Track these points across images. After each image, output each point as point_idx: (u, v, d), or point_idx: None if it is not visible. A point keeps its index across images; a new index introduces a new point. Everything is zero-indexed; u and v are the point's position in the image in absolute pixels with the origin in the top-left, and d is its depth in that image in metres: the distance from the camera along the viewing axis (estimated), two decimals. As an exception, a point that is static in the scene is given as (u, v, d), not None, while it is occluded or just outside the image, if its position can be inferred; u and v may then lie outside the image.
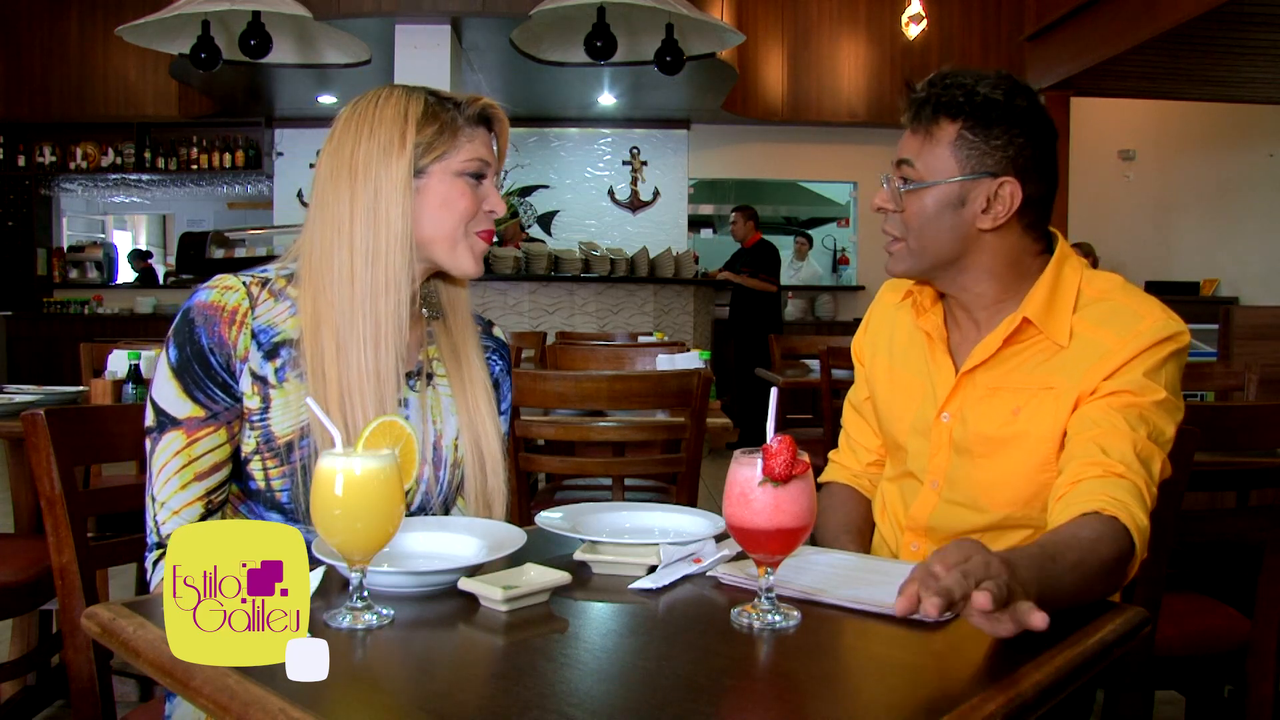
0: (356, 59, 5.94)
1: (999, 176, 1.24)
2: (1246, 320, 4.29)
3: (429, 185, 1.24)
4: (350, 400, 1.20)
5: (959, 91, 1.25)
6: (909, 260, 1.31)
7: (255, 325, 1.21)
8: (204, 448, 1.19)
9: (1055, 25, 6.41)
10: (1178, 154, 8.31)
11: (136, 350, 2.59)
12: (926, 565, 0.85)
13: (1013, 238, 1.28)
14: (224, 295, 1.21)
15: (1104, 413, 1.19)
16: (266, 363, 1.21)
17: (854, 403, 1.54)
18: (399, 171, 1.22)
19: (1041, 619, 0.82)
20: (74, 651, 1.27)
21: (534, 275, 6.39)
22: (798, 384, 4.01)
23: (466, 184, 1.26)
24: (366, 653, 0.88)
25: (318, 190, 1.25)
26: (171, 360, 1.19)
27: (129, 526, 1.37)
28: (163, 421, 1.19)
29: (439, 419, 1.32)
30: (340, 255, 1.22)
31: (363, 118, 1.24)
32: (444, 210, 1.24)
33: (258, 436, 1.21)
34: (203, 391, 1.19)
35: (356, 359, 1.20)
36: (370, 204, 1.21)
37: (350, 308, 1.21)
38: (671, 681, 0.81)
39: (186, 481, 1.19)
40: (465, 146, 1.25)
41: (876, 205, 1.31)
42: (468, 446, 1.32)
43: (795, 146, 8.62)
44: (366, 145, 1.22)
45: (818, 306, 8.76)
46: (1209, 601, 1.90)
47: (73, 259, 9.09)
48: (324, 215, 1.23)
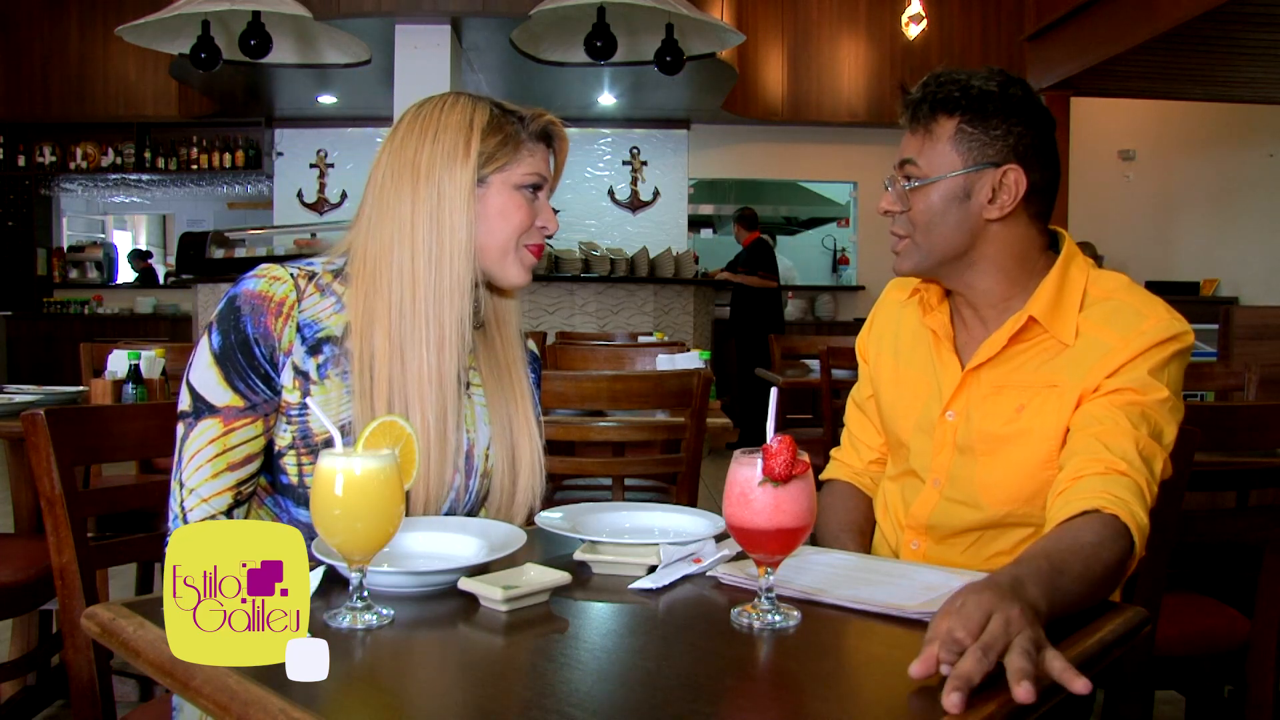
0: (356, 59, 5.95)
1: (1002, 165, 1.25)
2: (1246, 320, 4.29)
3: (488, 195, 1.24)
4: (405, 401, 1.19)
5: (954, 87, 1.26)
6: (916, 257, 1.31)
7: (301, 319, 1.20)
8: (239, 438, 1.18)
9: (1055, 25, 6.40)
10: (1178, 154, 8.30)
11: (136, 350, 2.59)
12: (948, 628, 0.81)
13: (1020, 228, 1.29)
14: (272, 285, 1.20)
15: (1107, 410, 1.19)
16: (309, 358, 1.20)
17: (857, 400, 1.55)
18: (463, 178, 1.22)
19: (1084, 685, 0.79)
20: (74, 651, 1.27)
21: (534, 275, 6.38)
22: (798, 384, 4.01)
23: (524, 197, 1.26)
24: (366, 653, 0.88)
25: (376, 189, 1.25)
26: (215, 347, 1.18)
27: (129, 526, 1.37)
28: (199, 408, 1.17)
29: (473, 428, 1.30)
30: (400, 255, 1.21)
31: (428, 121, 1.24)
32: (500, 221, 1.25)
33: (294, 431, 1.20)
34: (244, 381, 1.18)
35: (415, 361, 1.20)
36: (434, 208, 1.21)
37: (411, 309, 1.21)
38: (671, 681, 0.81)
39: (219, 470, 1.17)
40: (526, 160, 1.26)
41: (883, 209, 1.32)
42: (501, 457, 1.31)
43: (795, 146, 8.62)
44: (431, 149, 1.22)
45: (818, 306, 8.76)
46: (1209, 601, 1.90)
47: (73, 259, 9.10)
48: (383, 214, 1.23)
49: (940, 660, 0.79)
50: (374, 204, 1.24)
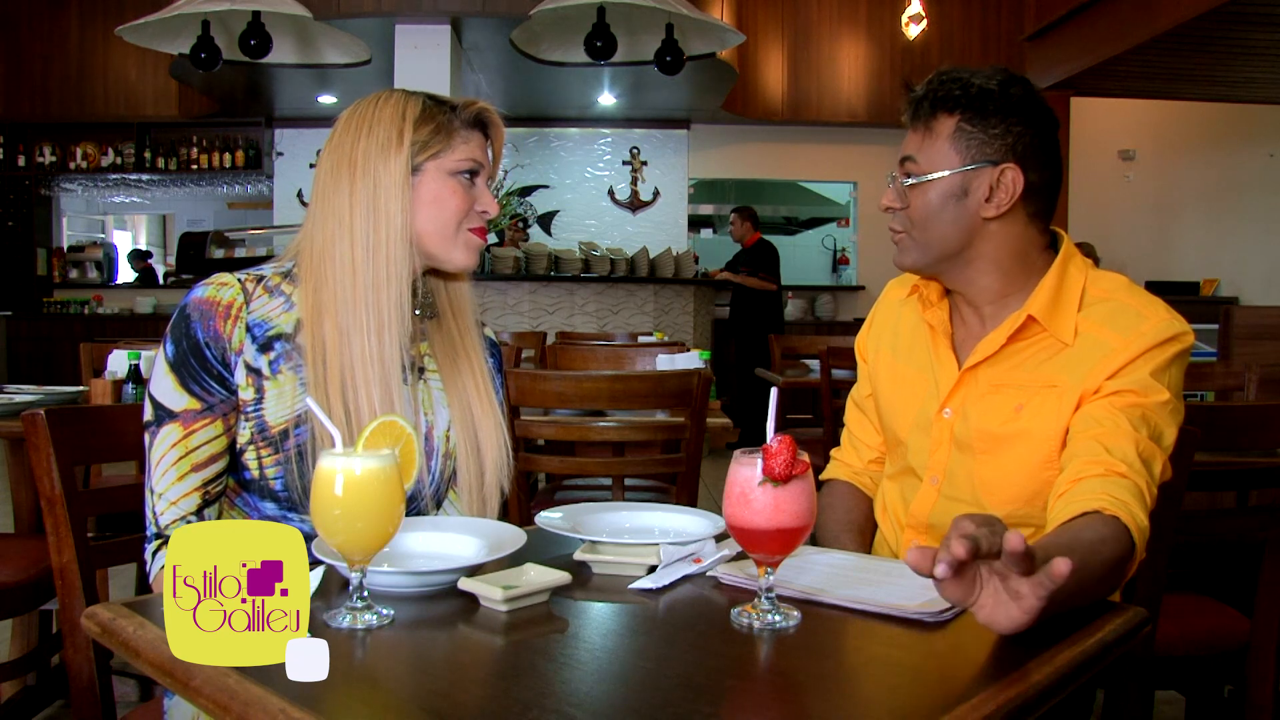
0: (356, 59, 5.94)
1: (999, 164, 1.26)
2: (1246, 320, 4.29)
3: (423, 182, 1.28)
4: (353, 387, 1.23)
5: (955, 86, 1.27)
6: (915, 253, 1.32)
7: (250, 319, 1.24)
8: (200, 439, 1.22)
9: (1055, 25, 6.40)
10: (1178, 154, 8.30)
11: (136, 350, 2.59)
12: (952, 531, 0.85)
13: (1018, 227, 1.29)
14: (219, 291, 1.24)
15: (1107, 412, 1.19)
16: (260, 355, 1.24)
17: (856, 400, 1.55)
18: (397, 167, 1.26)
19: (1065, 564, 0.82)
20: (74, 651, 1.27)
21: (534, 275, 6.39)
22: (798, 384, 4.02)
23: (459, 183, 1.30)
24: (366, 653, 0.88)
25: (318, 185, 1.29)
26: (168, 355, 1.22)
27: (129, 526, 1.37)
28: (160, 415, 1.22)
29: (430, 411, 1.34)
30: (341, 247, 1.25)
31: (363, 117, 1.28)
32: (436, 207, 1.28)
33: (252, 426, 1.24)
34: (199, 384, 1.21)
35: (360, 347, 1.24)
36: (370, 198, 1.25)
37: (352, 297, 1.24)
38: (671, 681, 0.81)
39: (184, 473, 1.21)
40: (459, 147, 1.30)
41: (884, 205, 1.34)
42: (463, 440, 1.35)
43: (795, 146, 8.62)
44: (365, 142, 1.26)
45: (818, 306, 8.76)
46: (1209, 601, 1.90)
47: (73, 259, 9.08)
48: (324, 208, 1.27)
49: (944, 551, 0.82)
50: (317, 200, 1.29)
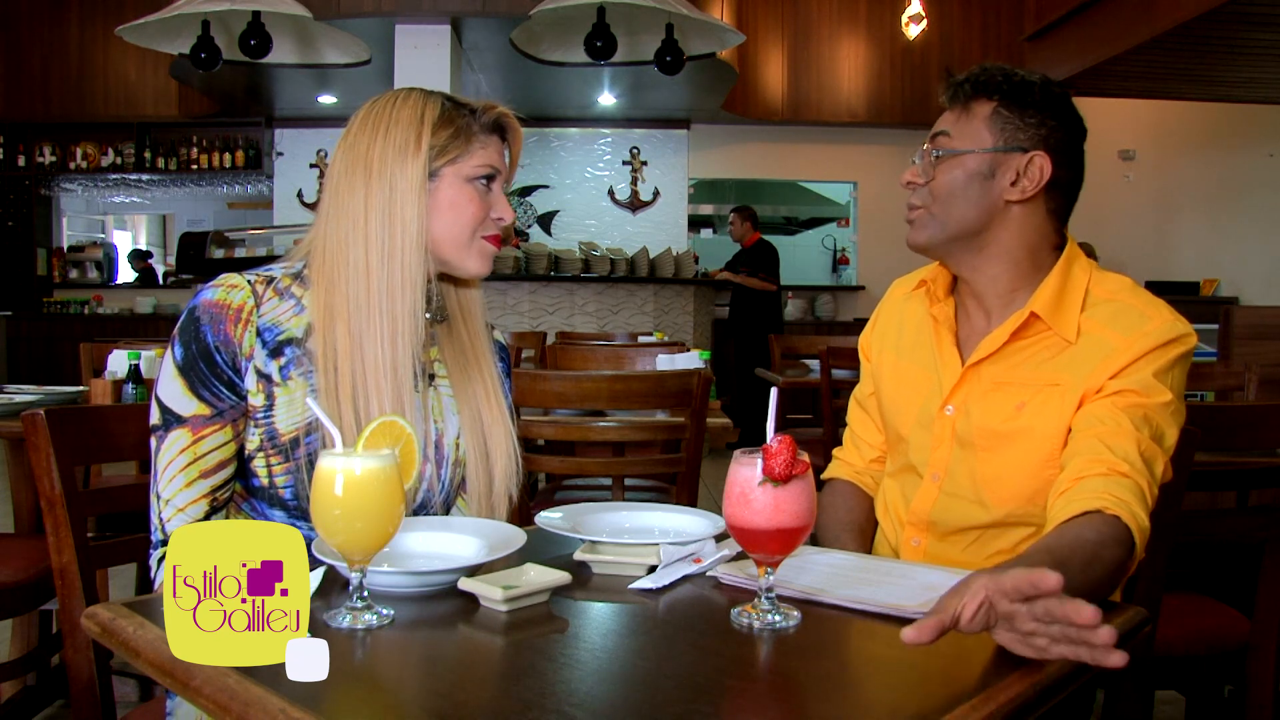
0: (356, 59, 5.94)
1: (1030, 151, 1.27)
2: (1246, 320, 4.28)
3: (440, 188, 1.26)
4: (365, 394, 1.21)
5: (997, 73, 1.30)
6: (932, 228, 1.32)
7: (260, 323, 1.21)
8: (209, 445, 1.20)
9: (1055, 25, 6.40)
10: (1178, 154, 8.30)
11: (136, 350, 2.59)
12: (948, 602, 0.82)
13: (1036, 219, 1.30)
14: (229, 294, 1.21)
15: (1109, 411, 1.19)
16: (271, 360, 1.21)
17: (859, 399, 1.55)
18: (414, 172, 1.23)
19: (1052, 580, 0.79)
20: (74, 651, 1.27)
21: (534, 275, 6.39)
22: (798, 384, 4.01)
23: (476, 189, 1.27)
24: (366, 653, 0.88)
25: (331, 184, 1.26)
26: (177, 359, 1.20)
27: (129, 526, 1.37)
28: (168, 420, 1.19)
29: (440, 418, 1.32)
30: (355, 251, 1.23)
31: (380, 117, 1.25)
32: (452, 213, 1.26)
33: (262, 433, 1.22)
34: (208, 389, 1.19)
35: (373, 354, 1.21)
36: (385, 202, 1.23)
37: (366, 303, 1.22)
38: (671, 681, 0.81)
39: (192, 479, 1.19)
40: (478, 153, 1.27)
41: (905, 180, 1.34)
42: (472, 447, 1.33)
43: (795, 146, 8.62)
44: (382, 144, 1.24)
45: (818, 306, 8.76)
46: (1209, 601, 1.90)
47: (73, 259, 9.09)
48: (338, 210, 1.25)
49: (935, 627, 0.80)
50: (330, 201, 1.26)
